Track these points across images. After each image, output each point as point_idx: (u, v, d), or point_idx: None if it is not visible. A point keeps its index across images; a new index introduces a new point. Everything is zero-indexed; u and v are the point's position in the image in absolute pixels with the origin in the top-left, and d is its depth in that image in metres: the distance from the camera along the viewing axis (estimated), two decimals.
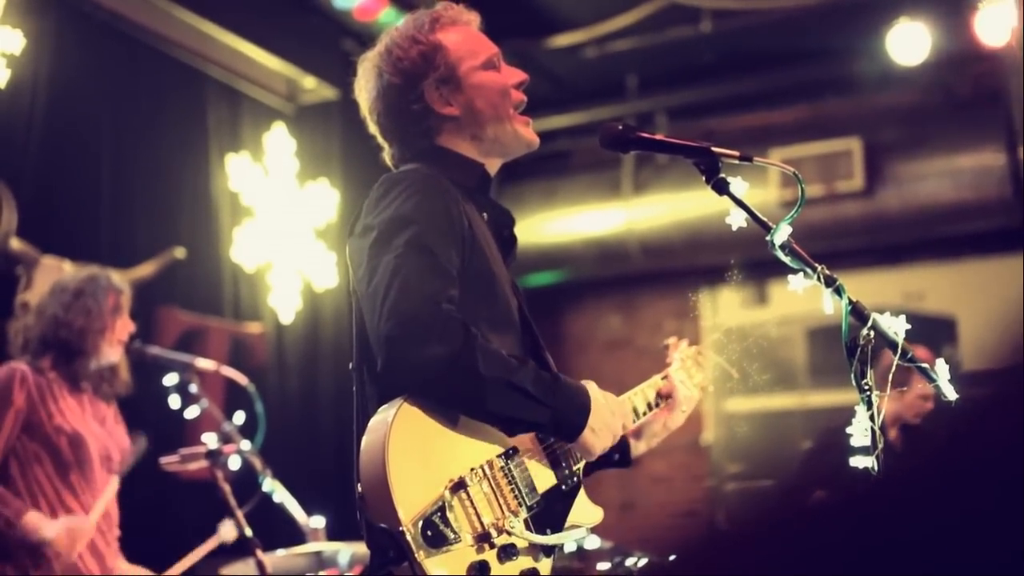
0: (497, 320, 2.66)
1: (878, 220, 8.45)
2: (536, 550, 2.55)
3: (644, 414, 3.05)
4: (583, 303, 10.16)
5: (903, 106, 8.54)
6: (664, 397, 3.13)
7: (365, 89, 2.92)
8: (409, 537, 2.31)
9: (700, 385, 3.23)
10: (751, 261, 2.76)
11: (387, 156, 2.96)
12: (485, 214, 2.85)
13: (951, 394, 2.42)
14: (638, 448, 3.16)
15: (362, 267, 2.57)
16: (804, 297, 2.63)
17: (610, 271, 9.59)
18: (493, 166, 2.95)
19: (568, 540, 2.63)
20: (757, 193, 8.07)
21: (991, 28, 7.14)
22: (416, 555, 2.31)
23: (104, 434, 4.81)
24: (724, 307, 9.14)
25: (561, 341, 10.03)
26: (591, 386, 2.69)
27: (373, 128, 2.94)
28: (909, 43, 7.68)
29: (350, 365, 2.73)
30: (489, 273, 2.69)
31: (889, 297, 8.54)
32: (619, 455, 3.13)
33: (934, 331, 8.27)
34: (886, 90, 8.53)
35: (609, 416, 2.67)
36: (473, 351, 2.40)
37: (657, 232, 9.07)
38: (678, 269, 9.16)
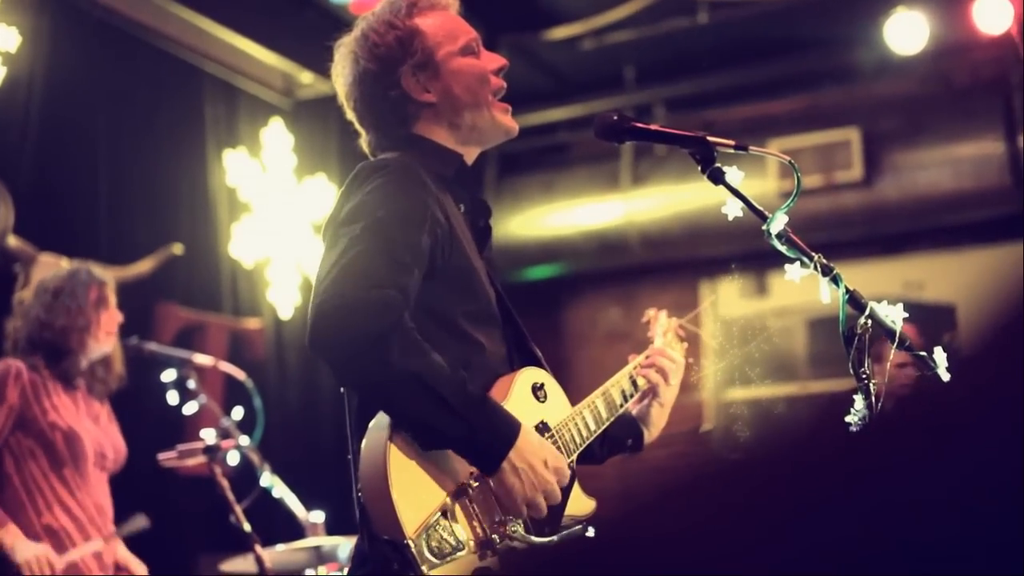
0: (477, 314, 2.62)
1: (877, 210, 8.43)
2: (536, 550, 2.53)
3: (622, 405, 3.03)
4: (583, 296, 10.14)
5: (902, 95, 8.52)
6: (644, 380, 3.12)
7: (341, 75, 2.88)
8: (414, 549, 2.29)
9: (682, 357, 3.23)
10: (751, 252, 2.75)
11: (364, 143, 2.91)
12: (461, 205, 2.79)
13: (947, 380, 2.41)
14: (650, 434, 3.17)
15: (324, 253, 2.52)
16: (804, 288, 2.62)
17: (610, 263, 9.56)
18: (471, 155, 2.90)
19: (565, 536, 2.59)
20: (755, 183, 8.10)
21: (989, 16, 7.12)
22: (421, 567, 2.29)
23: (98, 432, 4.82)
24: (724, 298, 9.12)
25: (561, 334, 10.01)
26: (529, 429, 2.48)
27: (350, 115, 2.90)
28: (907, 32, 7.66)
29: None
30: (468, 267, 2.64)
31: (889, 287, 8.51)
32: (632, 441, 3.13)
33: (934, 319, 8.26)
34: (884, 79, 8.51)
35: (538, 461, 2.44)
36: (391, 337, 2.28)
37: (656, 224, 9.05)
38: (678, 261, 9.15)
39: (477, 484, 2.44)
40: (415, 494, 2.34)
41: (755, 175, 7.87)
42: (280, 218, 7.89)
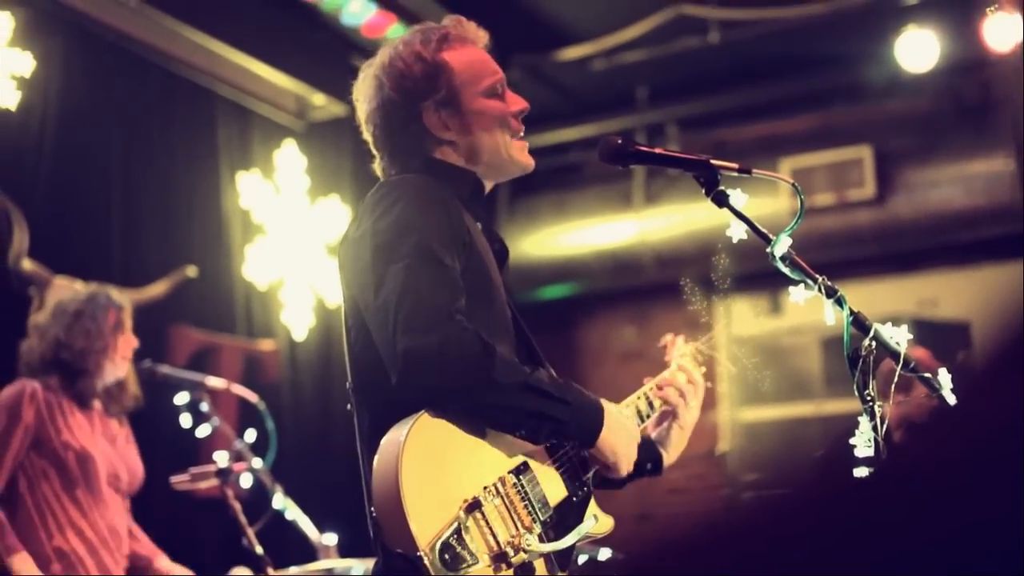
0: (493, 326, 2.63)
1: (890, 228, 8.43)
2: (552, 565, 2.54)
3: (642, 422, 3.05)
4: (597, 315, 10.15)
5: (913, 113, 8.52)
6: (661, 401, 3.13)
7: (364, 98, 2.88)
8: (427, 562, 2.30)
9: (702, 380, 3.23)
10: (765, 271, 2.77)
11: (377, 166, 2.92)
12: (479, 223, 2.81)
13: (953, 402, 2.41)
14: (669, 457, 3.16)
15: (365, 275, 2.53)
16: (818, 306, 2.62)
17: (623, 283, 9.57)
18: (486, 184, 2.92)
19: (579, 537, 2.61)
20: (767, 203, 8.10)
21: (999, 33, 7.12)
22: None
23: (113, 453, 4.82)
24: (738, 317, 9.11)
25: (576, 353, 10.02)
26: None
27: (367, 136, 2.91)
28: (918, 50, 7.67)
29: (348, 384, 2.71)
30: (488, 280, 2.67)
31: (903, 304, 8.51)
32: (651, 464, 3.13)
33: (949, 336, 8.24)
34: (896, 97, 8.52)
35: (622, 418, 2.72)
36: (491, 361, 2.40)
37: (670, 243, 9.05)
38: (691, 279, 9.14)
39: (491, 498, 2.46)
40: (428, 508, 2.35)
41: (766, 194, 7.88)
42: (294, 240, 7.91)
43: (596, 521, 2.69)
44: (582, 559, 4.88)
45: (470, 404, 2.46)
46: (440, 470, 2.42)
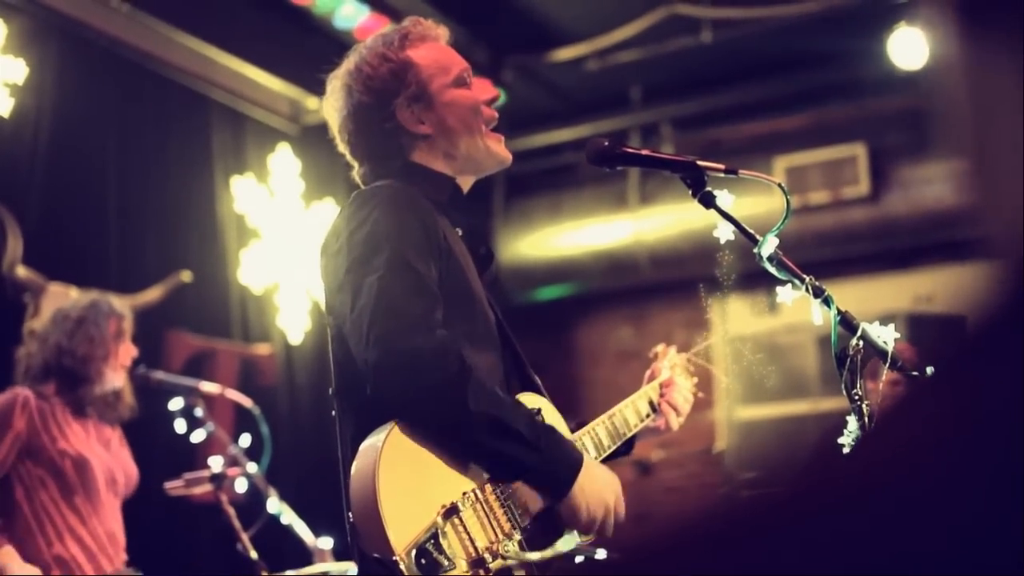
0: (475, 335, 2.63)
1: (885, 225, 8.43)
2: (532, 571, 2.53)
3: (636, 426, 3.05)
4: (593, 316, 10.14)
5: (907, 110, 8.52)
6: (658, 409, 3.13)
7: (335, 108, 2.90)
8: (403, 566, 2.29)
9: (692, 391, 3.24)
10: (760, 269, 2.79)
11: (356, 175, 2.93)
12: (459, 229, 2.81)
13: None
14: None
15: (343, 290, 2.54)
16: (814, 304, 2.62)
17: (619, 283, 9.57)
18: (466, 183, 2.92)
19: (559, 551, 2.58)
20: (762, 202, 8.00)
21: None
22: None
23: (109, 458, 4.83)
24: (734, 316, 9.10)
25: (572, 354, 10.01)
26: (586, 455, 2.62)
27: (342, 147, 2.92)
28: (911, 47, 7.66)
29: (331, 390, 2.72)
30: (467, 287, 2.66)
31: (898, 301, 8.50)
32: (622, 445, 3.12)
33: (944, 331, 8.22)
34: (890, 95, 8.51)
35: (601, 483, 2.58)
36: (465, 383, 2.37)
37: (665, 242, 9.04)
38: (687, 279, 9.13)
39: (469, 504, 2.45)
40: (404, 513, 2.35)
41: (761, 193, 7.81)
42: (288, 244, 7.91)
43: (577, 538, 2.67)
44: (579, 559, 4.87)
45: (436, 424, 2.44)
46: (418, 476, 2.41)
